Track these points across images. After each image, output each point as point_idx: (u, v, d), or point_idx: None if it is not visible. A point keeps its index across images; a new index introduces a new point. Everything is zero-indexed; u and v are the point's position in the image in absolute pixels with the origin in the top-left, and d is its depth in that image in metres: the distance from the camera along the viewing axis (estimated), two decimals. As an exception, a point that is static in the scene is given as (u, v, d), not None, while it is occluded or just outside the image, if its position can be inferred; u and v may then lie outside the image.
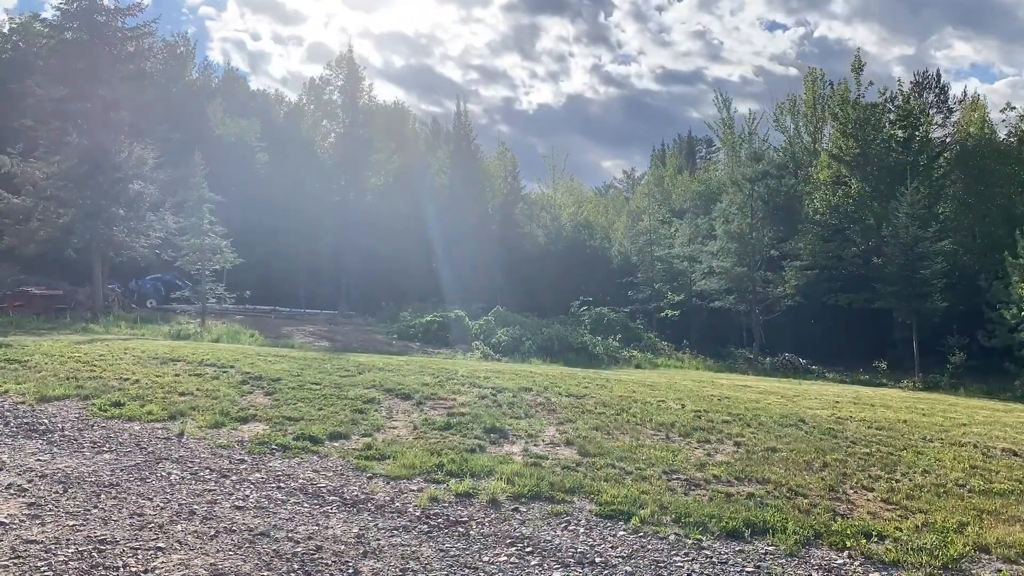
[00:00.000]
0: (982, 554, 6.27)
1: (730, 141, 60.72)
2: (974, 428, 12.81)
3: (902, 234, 37.16)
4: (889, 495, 7.79)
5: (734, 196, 45.05)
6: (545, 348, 28.80)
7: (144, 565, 5.15)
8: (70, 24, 30.01)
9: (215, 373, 12.75)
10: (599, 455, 8.72)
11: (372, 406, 10.75)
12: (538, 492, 7.23)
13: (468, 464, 8.04)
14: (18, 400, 10.30)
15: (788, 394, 16.77)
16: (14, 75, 36.82)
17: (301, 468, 7.84)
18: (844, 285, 42.31)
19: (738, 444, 9.73)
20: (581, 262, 57.32)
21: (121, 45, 30.91)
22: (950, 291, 37.14)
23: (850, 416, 12.89)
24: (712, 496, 7.43)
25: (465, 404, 11.13)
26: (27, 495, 6.49)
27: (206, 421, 9.52)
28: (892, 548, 6.20)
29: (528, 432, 9.73)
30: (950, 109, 49.60)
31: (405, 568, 5.41)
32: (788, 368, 34.28)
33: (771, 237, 44.38)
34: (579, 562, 5.70)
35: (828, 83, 54.42)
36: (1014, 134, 46.58)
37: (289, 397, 11.08)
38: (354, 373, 13.40)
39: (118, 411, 9.83)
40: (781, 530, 6.43)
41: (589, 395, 12.70)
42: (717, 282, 43.29)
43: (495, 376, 14.38)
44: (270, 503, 6.71)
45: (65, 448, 8.14)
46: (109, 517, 6.07)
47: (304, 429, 9.28)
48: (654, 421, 10.79)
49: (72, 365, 12.86)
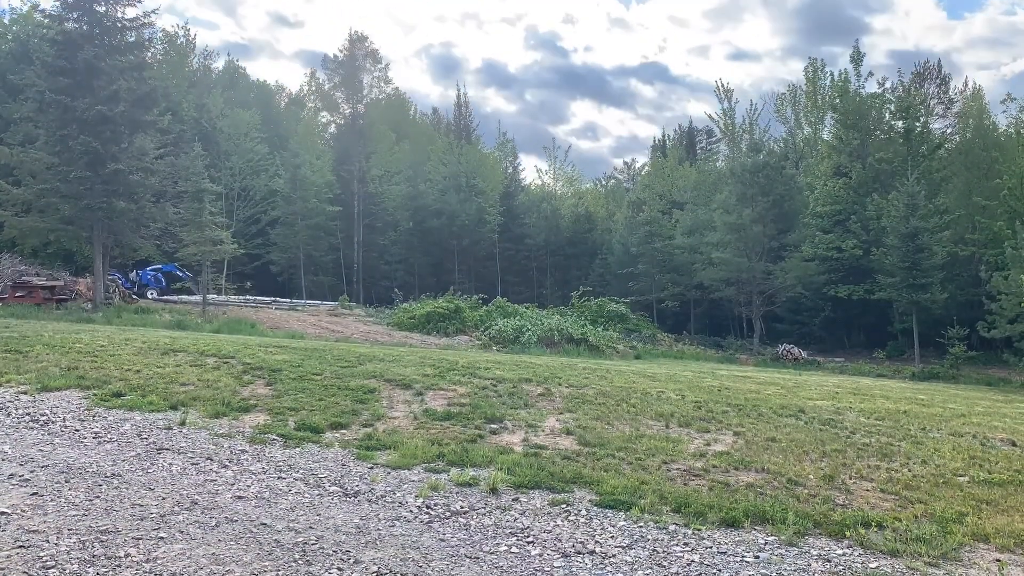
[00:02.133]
0: (981, 544, 6.28)
1: (731, 132, 60.67)
2: (973, 418, 12.83)
3: (902, 225, 37.16)
4: (888, 485, 7.80)
5: (734, 187, 45.01)
6: (545, 339, 28.84)
7: (146, 555, 5.17)
8: (70, 15, 29.92)
9: (216, 364, 12.77)
10: (599, 445, 8.74)
11: (372, 396, 10.77)
12: (538, 482, 7.25)
13: (468, 454, 8.06)
14: (19, 391, 10.32)
15: (787, 385, 16.78)
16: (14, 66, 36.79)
17: (302, 458, 7.86)
18: (844, 276, 42.37)
19: (737, 434, 9.75)
20: (581, 253, 57.43)
21: (121, 36, 30.82)
22: (950, 282, 37.21)
23: (849, 406, 12.91)
24: (711, 486, 7.45)
25: (465, 394, 11.15)
26: (29, 485, 6.52)
27: (207, 411, 9.54)
28: (891, 538, 6.22)
29: (528, 422, 9.75)
30: (951, 100, 49.53)
31: (405, 558, 5.44)
32: (788, 359, 34.36)
33: (771, 228, 44.39)
34: (579, 552, 5.72)
35: (829, 74, 54.36)
36: (1014, 125, 46.49)
37: (290, 387, 11.10)
38: (354, 364, 13.41)
39: (119, 401, 9.85)
40: (780, 520, 6.45)
41: (589, 385, 12.71)
42: (717, 273, 43.33)
43: (495, 366, 14.39)
44: (271, 493, 6.74)
45: (67, 439, 8.17)
46: (111, 507, 6.09)
47: (305, 419, 9.30)
48: (654, 411, 10.81)
49: (73, 356, 12.87)
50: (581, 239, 58.74)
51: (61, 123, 28.97)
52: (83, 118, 28.44)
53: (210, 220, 30.30)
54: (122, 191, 29.19)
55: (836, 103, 49.29)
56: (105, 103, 28.75)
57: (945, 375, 30.97)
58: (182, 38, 55.98)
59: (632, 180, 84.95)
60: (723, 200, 45.23)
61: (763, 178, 44.40)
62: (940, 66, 50.28)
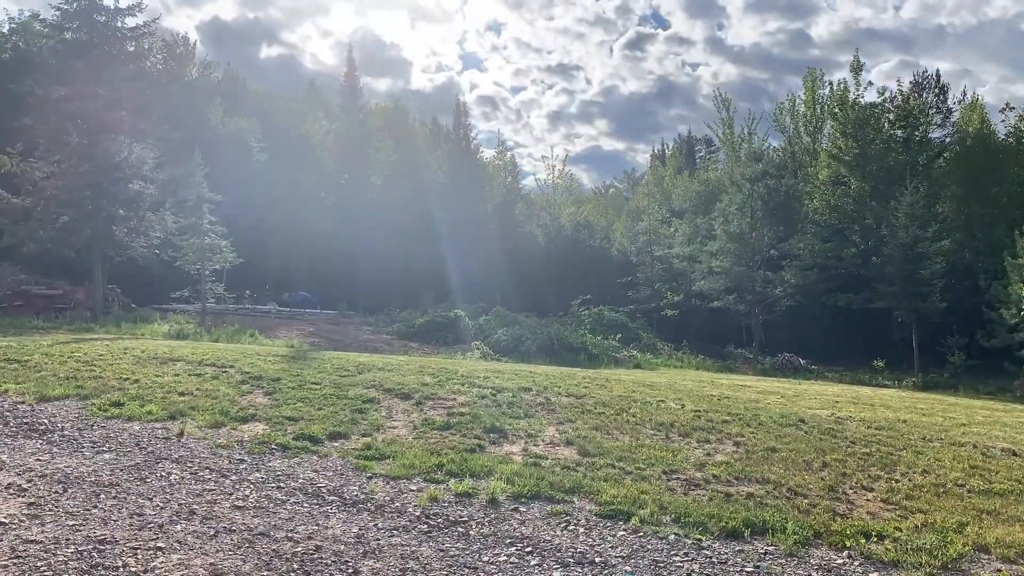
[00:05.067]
0: (981, 554, 6.27)
1: (730, 141, 60.79)
2: (973, 428, 12.81)
3: (901, 234, 37.20)
4: (889, 495, 7.79)
5: (734, 196, 45.08)
6: (545, 348, 28.78)
7: (144, 565, 5.15)
8: (70, 24, 29.96)
9: (215, 373, 12.75)
10: (599, 455, 8.72)
11: (372, 406, 10.75)
12: (538, 492, 7.24)
13: (468, 464, 8.04)
14: (18, 400, 10.30)
15: (788, 394, 16.76)
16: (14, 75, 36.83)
17: (301, 468, 7.84)
18: (843, 285, 42.34)
19: (738, 444, 9.73)
20: (581, 262, 57.34)
21: (121, 45, 30.88)
22: (949, 291, 37.18)
23: (849, 416, 12.89)
24: (712, 496, 7.43)
25: (465, 404, 11.13)
26: (27, 495, 6.50)
27: (206, 421, 9.52)
28: (891, 548, 6.20)
29: (528, 432, 9.73)
30: (949, 109, 49.63)
31: (404, 568, 5.42)
32: (788, 368, 34.29)
33: (771, 237, 44.41)
34: (579, 562, 5.71)
35: (828, 83, 54.49)
36: (1013, 134, 46.62)
37: (289, 397, 11.08)
38: (354, 373, 13.39)
39: (118, 411, 9.83)
40: (780, 530, 6.44)
41: (589, 395, 12.69)
42: (716, 282, 43.33)
43: (495, 376, 14.37)
44: (270, 503, 6.72)
45: (65, 448, 8.14)
46: (109, 517, 6.07)
47: (304, 429, 9.28)
48: (654, 421, 10.79)
49: (72, 365, 12.85)
50: (581, 247, 58.72)
51: (61, 132, 28.98)
52: (83, 126, 28.46)
53: (209, 228, 30.27)
54: (121, 199, 29.19)
55: (836, 112, 49.41)
56: (105, 112, 28.77)
57: (945, 384, 30.91)
58: (181, 48, 56.09)
59: (631, 189, 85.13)
60: (723, 208, 45.29)
61: (763, 187, 44.46)
62: (939, 76, 50.40)
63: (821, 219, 46.05)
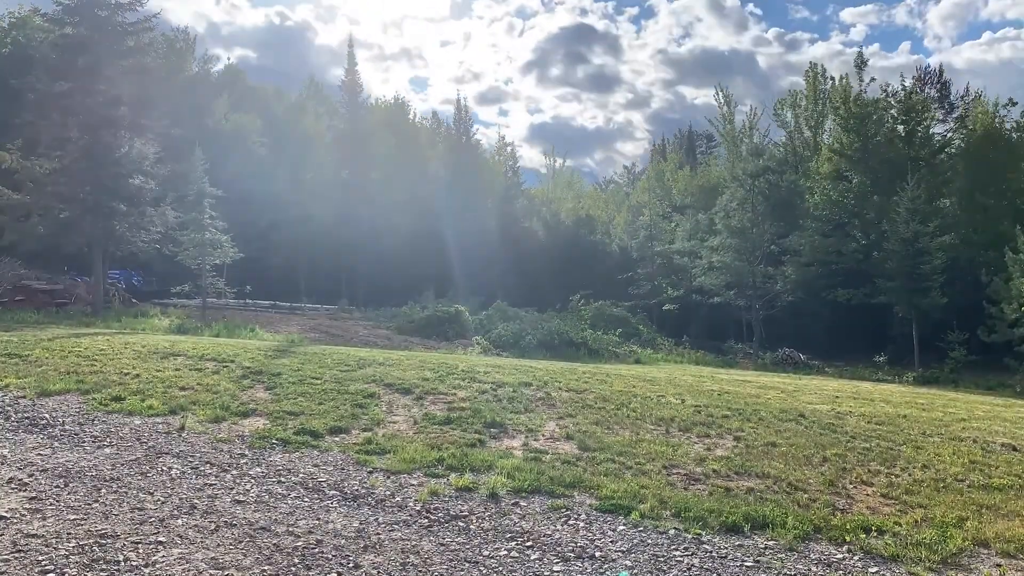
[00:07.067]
0: (981, 549, 6.28)
1: (731, 136, 60.69)
2: (973, 423, 12.81)
3: (902, 229, 37.17)
4: (888, 490, 7.80)
5: (735, 191, 45.02)
6: (545, 343, 28.81)
7: (145, 559, 5.16)
8: (70, 19, 29.88)
9: (215, 368, 12.76)
10: (599, 450, 8.73)
11: (372, 401, 10.76)
12: (538, 487, 7.25)
13: (468, 459, 8.05)
14: (19, 394, 10.30)
15: (788, 389, 16.77)
16: (14, 71, 36.76)
17: (301, 462, 7.85)
18: (844, 280, 42.32)
19: (738, 439, 9.74)
20: (581, 257, 57.35)
21: (122, 40, 30.78)
22: (950, 286, 37.15)
23: (850, 411, 12.90)
24: (712, 491, 7.44)
25: (465, 399, 11.14)
26: (28, 489, 6.51)
27: (206, 415, 9.53)
28: (891, 543, 6.21)
29: (528, 427, 9.74)
30: (951, 104, 49.55)
31: (405, 562, 5.43)
32: (788, 363, 34.30)
33: (771, 232, 44.38)
34: (579, 556, 5.72)
35: (829, 78, 54.38)
36: (1018, 129, 46.47)
37: (289, 392, 11.09)
38: (354, 368, 13.40)
39: (118, 405, 9.83)
40: (780, 525, 6.45)
41: (589, 390, 12.70)
42: (717, 277, 43.31)
43: (495, 371, 14.38)
44: (271, 497, 6.73)
45: (66, 442, 8.15)
46: (110, 511, 6.08)
47: (304, 423, 9.29)
48: (654, 416, 10.80)
49: (72, 359, 12.86)
50: (581, 242, 58.72)
51: (61, 127, 28.95)
52: (84, 122, 28.42)
53: (210, 224, 30.28)
54: (122, 195, 29.16)
55: (838, 107, 49.31)
56: (105, 107, 28.74)
57: (945, 379, 30.92)
58: (181, 43, 55.99)
59: (631, 184, 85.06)
60: (724, 204, 45.25)
61: (764, 182, 44.42)
62: (941, 71, 50.32)
63: (822, 214, 45.99)
